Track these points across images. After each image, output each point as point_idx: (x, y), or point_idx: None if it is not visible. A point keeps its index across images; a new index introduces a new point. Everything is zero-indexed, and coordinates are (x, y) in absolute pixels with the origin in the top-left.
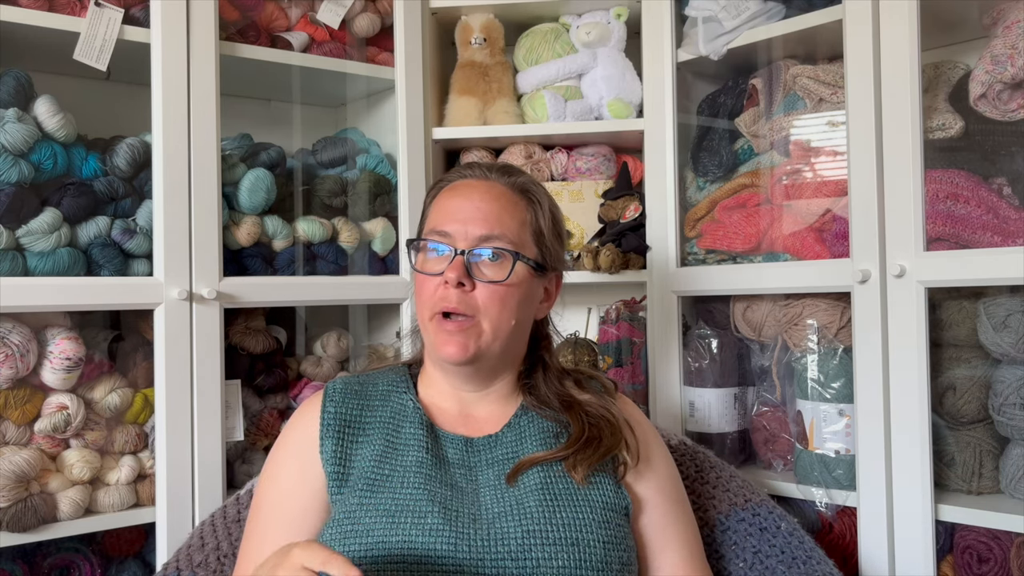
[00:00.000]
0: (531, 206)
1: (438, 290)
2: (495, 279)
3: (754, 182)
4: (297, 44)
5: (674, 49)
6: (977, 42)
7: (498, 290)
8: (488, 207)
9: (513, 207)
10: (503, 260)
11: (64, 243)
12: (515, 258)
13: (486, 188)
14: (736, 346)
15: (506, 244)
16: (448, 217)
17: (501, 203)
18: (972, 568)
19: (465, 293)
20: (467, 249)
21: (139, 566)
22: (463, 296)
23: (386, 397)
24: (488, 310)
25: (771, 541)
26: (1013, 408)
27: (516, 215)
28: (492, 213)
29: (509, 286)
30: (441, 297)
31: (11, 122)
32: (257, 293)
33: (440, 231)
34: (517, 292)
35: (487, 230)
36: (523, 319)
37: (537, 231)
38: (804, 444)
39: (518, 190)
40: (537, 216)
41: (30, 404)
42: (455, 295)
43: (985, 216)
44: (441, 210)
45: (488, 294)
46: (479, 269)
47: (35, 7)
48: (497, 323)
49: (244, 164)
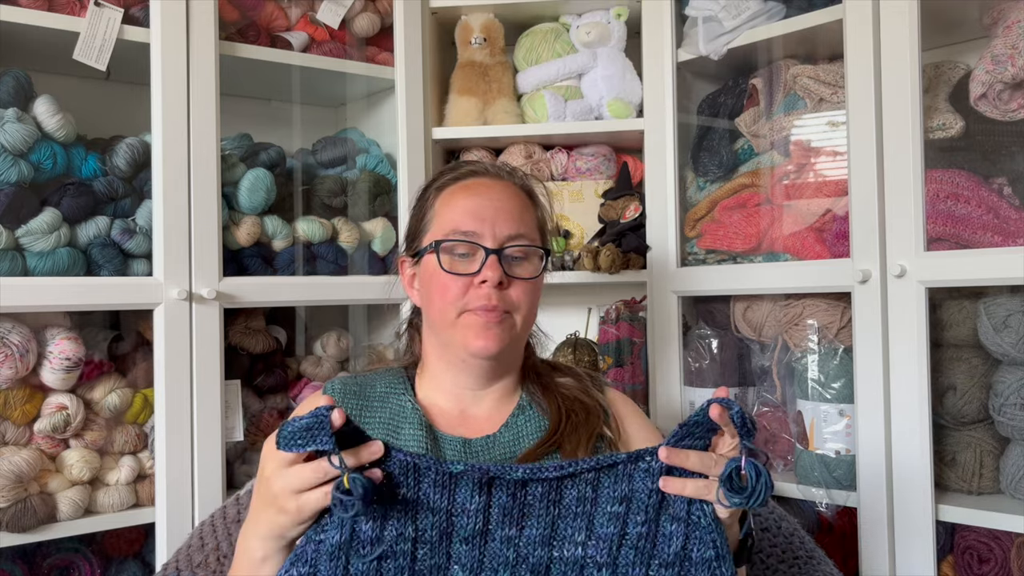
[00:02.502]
0: (536, 204)
1: (469, 289)
2: (528, 276)
3: (754, 182)
4: (297, 44)
5: (674, 49)
6: (977, 42)
7: (528, 286)
8: (510, 205)
9: (527, 206)
10: (530, 257)
11: (64, 243)
12: (545, 254)
13: (503, 186)
14: (736, 346)
15: (530, 241)
16: (470, 216)
17: (518, 202)
18: (972, 568)
19: (501, 291)
20: (499, 248)
21: (139, 566)
22: (501, 293)
23: (384, 399)
24: (522, 306)
25: (771, 541)
26: (1014, 408)
27: (530, 213)
28: (515, 211)
29: (536, 283)
30: (477, 296)
31: (11, 122)
32: (257, 293)
33: (465, 231)
34: (539, 287)
35: (515, 229)
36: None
37: (543, 228)
38: (804, 444)
39: (525, 190)
40: (543, 214)
41: (30, 404)
42: (495, 294)
43: (985, 216)
44: (459, 208)
45: (522, 291)
46: (511, 267)
47: (35, 7)
48: (527, 318)
49: (244, 164)
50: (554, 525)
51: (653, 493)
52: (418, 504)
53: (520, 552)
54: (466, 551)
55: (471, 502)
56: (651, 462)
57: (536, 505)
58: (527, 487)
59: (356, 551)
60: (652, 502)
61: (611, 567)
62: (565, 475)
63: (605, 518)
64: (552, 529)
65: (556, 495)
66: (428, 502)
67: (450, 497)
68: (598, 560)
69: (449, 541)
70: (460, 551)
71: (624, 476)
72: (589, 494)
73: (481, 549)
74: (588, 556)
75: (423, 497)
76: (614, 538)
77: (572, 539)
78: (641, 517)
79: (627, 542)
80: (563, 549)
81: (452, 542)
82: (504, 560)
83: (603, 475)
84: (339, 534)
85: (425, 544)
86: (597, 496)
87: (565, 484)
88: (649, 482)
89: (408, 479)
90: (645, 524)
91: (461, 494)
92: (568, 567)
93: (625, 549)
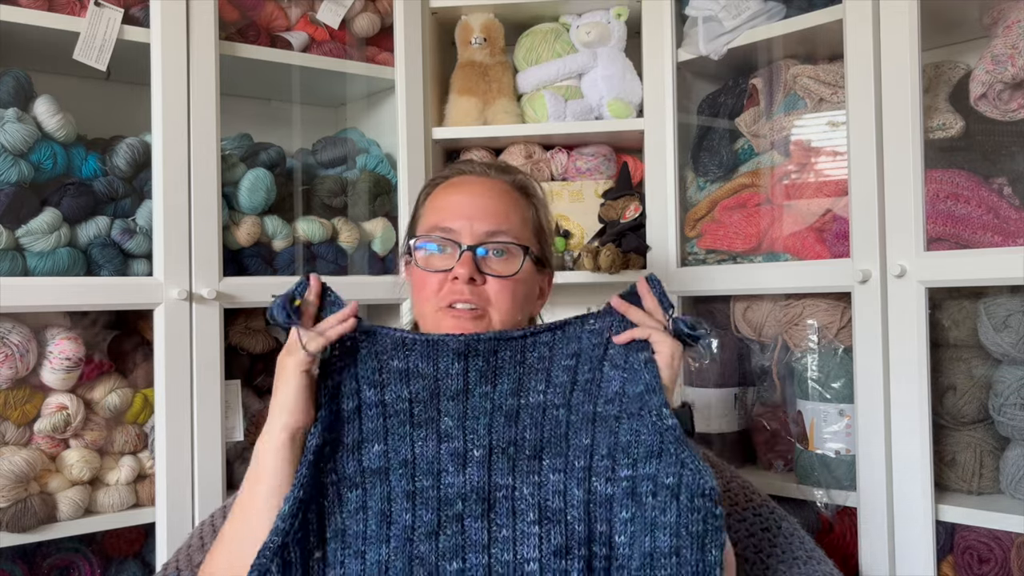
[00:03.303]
0: (531, 204)
1: (444, 285)
2: (505, 273)
3: (754, 182)
4: (297, 44)
5: (674, 49)
6: (977, 42)
7: (508, 284)
8: (492, 203)
9: (515, 204)
10: (511, 255)
11: (64, 243)
12: (524, 253)
13: (487, 184)
14: (736, 346)
15: (512, 239)
16: (450, 213)
17: (504, 199)
18: (972, 568)
19: (476, 287)
20: (474, 244)
21: (139, 566)
22: (474, 289)
23: None
24: (499, 303)
25: (771, 541)
26: (1013, 408)
27: (519, 211)
28: (497, 209)
29: (518, 280)
30: (450, 291)
31: (11, 122)
32: (257, 293)
33: (443, 227)
34: (524, 287)
35: (493, 226)
36: (525, 314)
37: (538, 228)
38: (804, 444)
39: (518, 188)
40: (538, 214)
41: (30, 404)
42: (467, 289)
43: (985, 216)
44: (441, 206)
45: (499, 288)
46: (487, 264)
47: (35, 7)
48: (506, 315)
49: (244, 164)
50: (520, 380)
51: (597, 347)
52: (408, 372)
53: (495, 403)
54: (452, 405)
55: (452, 368)
56: (595, 324)
57: (505, 367)
58: (497, 353)
59: (365, 413)
60: (596, 354)
61: (566, 407)
62: (527, 335)
63: (560, 370)
64: (519, 383)
65: (520, 357)
66: (418, 370)
67: (435, 364)
68: (556, 402)
69: (438, 399)
70: (447, 406)
71: (574, 337)
72: (547, 353)
73: (464, 403)
74: (548, 400)
75: (412, 366)
76: (567, 384)
77: (535, 388)
78: (588, 367)
79: (578, 387)
80: (528, 397)
81: (440, 400)
82: (483, 410)
83: (557, 339)
84: (351, 402)
85: (419, 403)
86: (553, 355)
87: (527, 348)
88: (594, 339)
89: (399, 352)
90: (591, 371)
91: (443, 361)
92: (534, 410)
93: (576, 392)
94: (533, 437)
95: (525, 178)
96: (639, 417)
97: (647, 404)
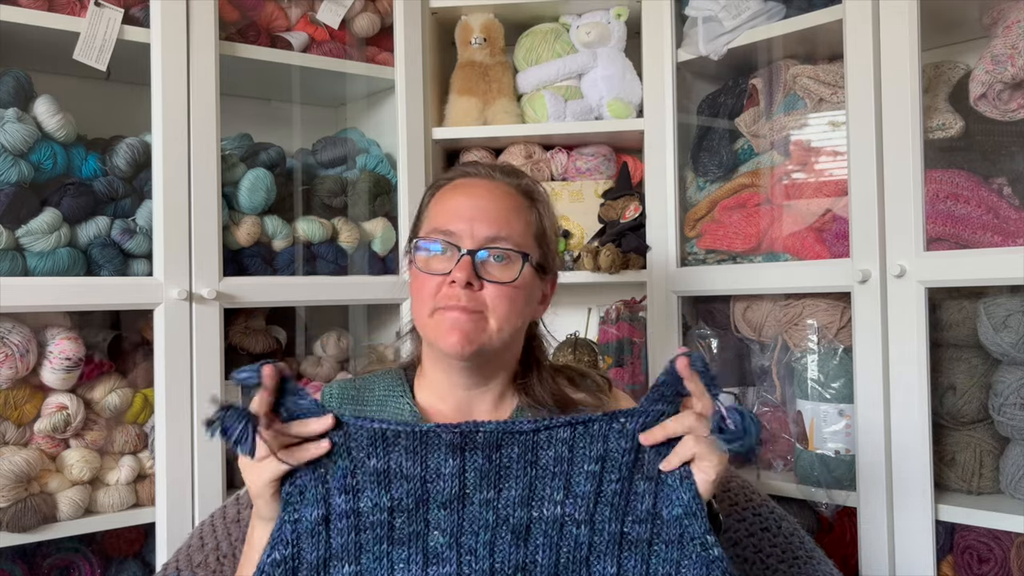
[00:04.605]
0: (534, 208)
1: (442, 288)
2: (504, 279)
3: (754, 182)
4: (297, 44)
5: (674, 49)
6: (977, 42)
7: (506, 290)
8: (495, 207)
9: (518, 208)
10: (510, 261)
11: (64, 243)
12: (524, 259)
13: (491, 188)
14: (736, 346)
15: (513, 245)
16: (452, 216)
17: (507, 204)
18: (972, 568)
19: (473, 292)
20: (474, 249)
21: (139, 566)
22: (471, 294)
23: (383, 402)
24: (496, 308)
25: (771, 541)
26: (1013, 408)
27: (521, 216)
28: (499, 213)
29: (516, 287)
30: (447, 295)
31: (11, 122)
32: (257, 293)
33: (444, 230)
34: (523, 293)
35: (495, 231)
36: (525, 319)
37: (540, 233)
38: (804, 444)
39: (522, 192)
40: (541, 218)
41: (30, 404)
42: (464, 294)
43: (985, 216)
44: (444, 208)
45: (496, 293)
46: (486, 269)
47: (35, 7)
48: (503, 321)
49: (244, 164)
50: (532, 486)
51: (627, 452)
52: (389, 472)
53: (500, 514)
54: (444, 516)
55: (445, 466)
56: (625, 423)
57: (513, 467)
58: (501, 449)
59: (334, 525)
60: (626, 461)
61: (589, 523)
62: (540, 429)
63: (582, 477)
64: (530, 490)
65: (532, 456)
66: (400, 470)
67: (422, 463)
68: (576, 517)
69: (426, 508)
70: (439, 516)
71: (600, 436)
72: (566, 454)
73: (460, 513)
74: (567, 514)
75: (394, 466)
76: (591, 496)
77: (551, 498)
78: (615, 475)
79: (603, 499)
80: (542, 508)
81: (429, 508)
82: (484, 523)
83: (579, 436)
84: (316, 510)
85: (402, 512)
86: (573, 456)
87: (541, 445)
88: (623, 442)
89: (377, 449)
90: (619, 482)
91: (433, 459)
92: (548, 526)
93: (601, 506)
94: (547, 562)
95: (530, 182)
96: (679, 546)
97: (688, 531)
